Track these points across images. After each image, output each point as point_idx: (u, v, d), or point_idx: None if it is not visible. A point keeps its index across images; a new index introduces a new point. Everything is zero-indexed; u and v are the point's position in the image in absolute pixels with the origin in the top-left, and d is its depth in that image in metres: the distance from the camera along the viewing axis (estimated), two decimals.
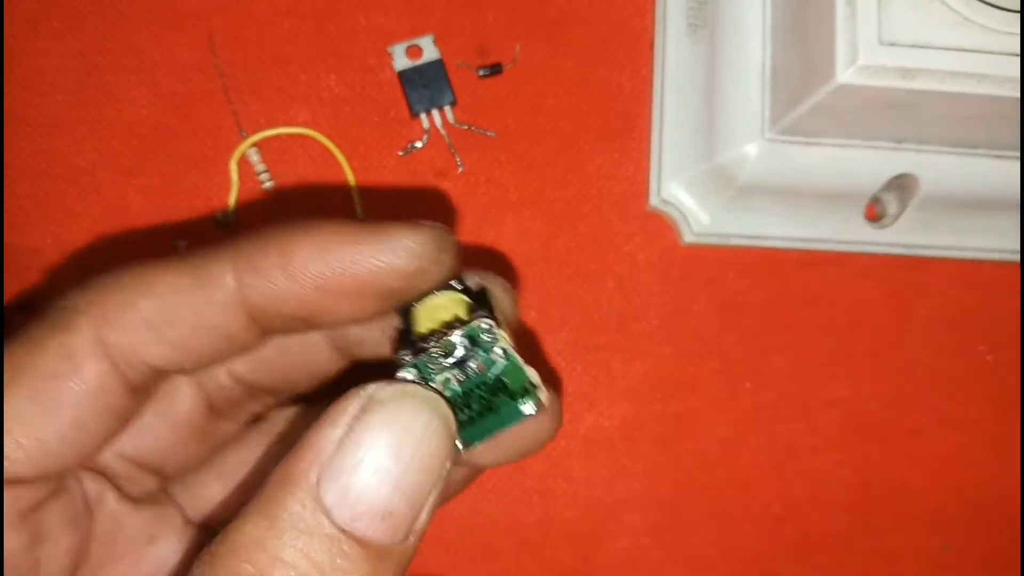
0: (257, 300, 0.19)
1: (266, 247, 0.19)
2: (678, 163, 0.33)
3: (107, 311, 0.19)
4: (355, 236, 0.19)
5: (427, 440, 0.17)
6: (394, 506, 0.17)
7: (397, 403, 0.17)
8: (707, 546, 0.34)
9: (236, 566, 0.16)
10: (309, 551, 0.16)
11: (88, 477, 0.22)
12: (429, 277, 0.20)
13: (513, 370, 0.20)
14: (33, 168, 0.32)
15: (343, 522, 0.16)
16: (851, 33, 0.27)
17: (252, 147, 0.33)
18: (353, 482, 0.16)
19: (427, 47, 0.33)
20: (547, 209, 0.34)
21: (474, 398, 0.19)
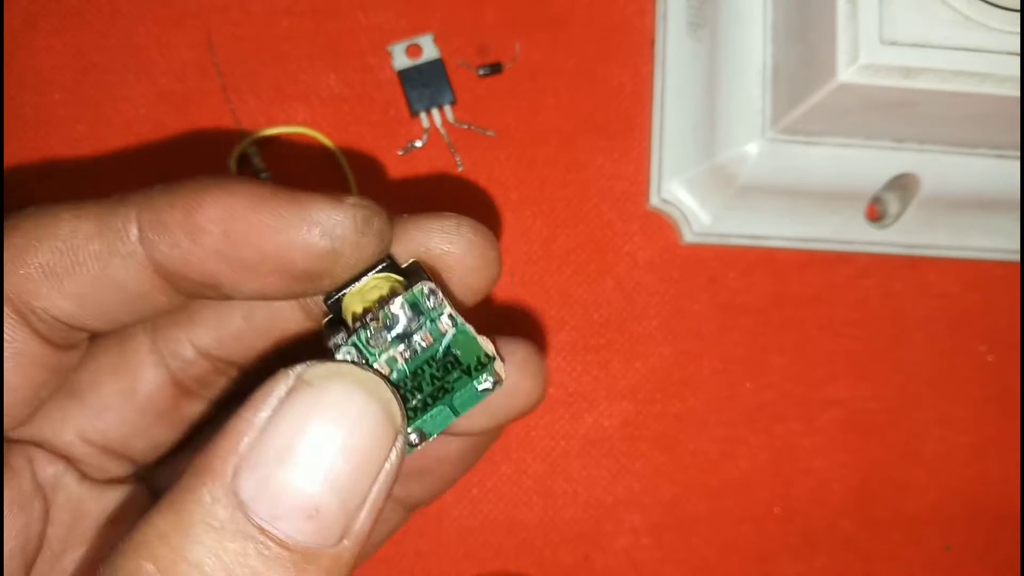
0: (160, 258, 0.17)
1: (172, 201, 0.17)
2: (678, 162, 0.33)
3: (8, 257, 0.17)
4: (266, 203, 0.17)
5: (362, 427, 0.15)
6: (322, 503, 0.14)
7: (326, 384, 0.15)
8: (707, 546, 0.34)
9: (137, 564, 0.14)
10: (219, 550, 0.14)
11: (43, 459, 0.20)
12: (345, 262, 0.17)
13: (465, 340, 0.17)
14: (32, 167, 0.32)
15: (261, 519, 0.14)
16: (852, 32, 0.27)
17: (251, 146, 0.33)
18: (274, 474, 0.14)
19: (427, 46, 0.33)
20: (547, 209, 0.34)
21: (424, 378, 0.17)
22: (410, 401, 0.17)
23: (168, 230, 0.17)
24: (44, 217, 0.18)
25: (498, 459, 0.33)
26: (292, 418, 0.15)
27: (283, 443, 0.15)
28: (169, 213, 0.17)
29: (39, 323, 0.18)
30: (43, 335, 0.18)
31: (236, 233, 0.17)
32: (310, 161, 0.33)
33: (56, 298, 0.18)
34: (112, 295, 0.18)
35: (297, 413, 0.15)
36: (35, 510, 0.20)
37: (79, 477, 0.21)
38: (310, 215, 0.17)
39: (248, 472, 0.14)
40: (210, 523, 0.14)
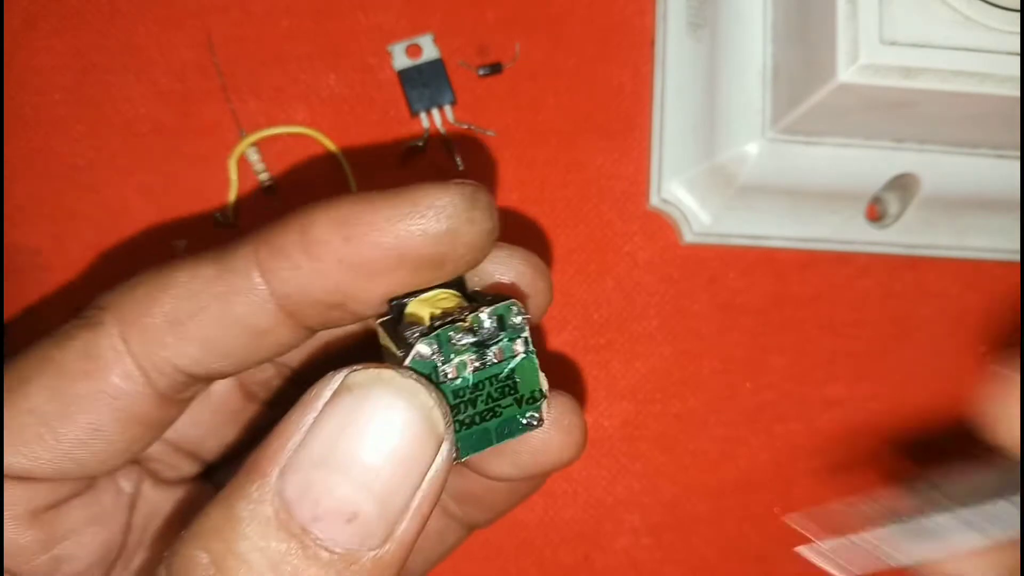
0: (282, 287, 0.18)
1: (285, 227, 0.18)
2: (678, 162, 0.33)
3: (130, 310, 0.18)
4: (376, 201, 0.17)
5: (402, 434, 0.15)
6: (361, 507, 0.15)
7: (367, 390, 0.15)
8: (707, 546, 0.34)
9: (193, 552, 0.15)
10: (264, 547, 0.15)
11: (123, 476, 0.21)
12: (464, 240, 0.17)
13: (529, 368, 0.18)
14: (32, 167, 0.32)
15: (304, 520, 0.15)
16: (852, 32, 0.27)
17: (251, 146, 0.33)
18: (315, 477, 0.15)
19: (427, 46, 0.33)
20: (547, 209, 0.34)
21: (482, 395, 0.17)
22: (462, 413, 0.17)
23: (287, 254, 0.17)
24: (164, 269, 0.18)
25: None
26: (333, 423, 0.15)
27: (324, 447, 0.15)
28: (284, 237, 0.17)
29: (159, 377, 0.18)
30: (158, 389, 0.19)
31: (354, 235, 0.17)
32: (310, 161, 0.33)
33: (181, 345, 0.18)
34: (236, 335, 0.18)
35: (338, 418, 0.15)
36: (117, 524, 0.20)
37: (154, 482, 0.21)
38: (421, 200, 0.17)
39: (292, 473, 0.15)
40: (256, 520, 0.15)
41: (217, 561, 0.15)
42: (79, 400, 0.18)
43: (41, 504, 0.19)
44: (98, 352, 0.18)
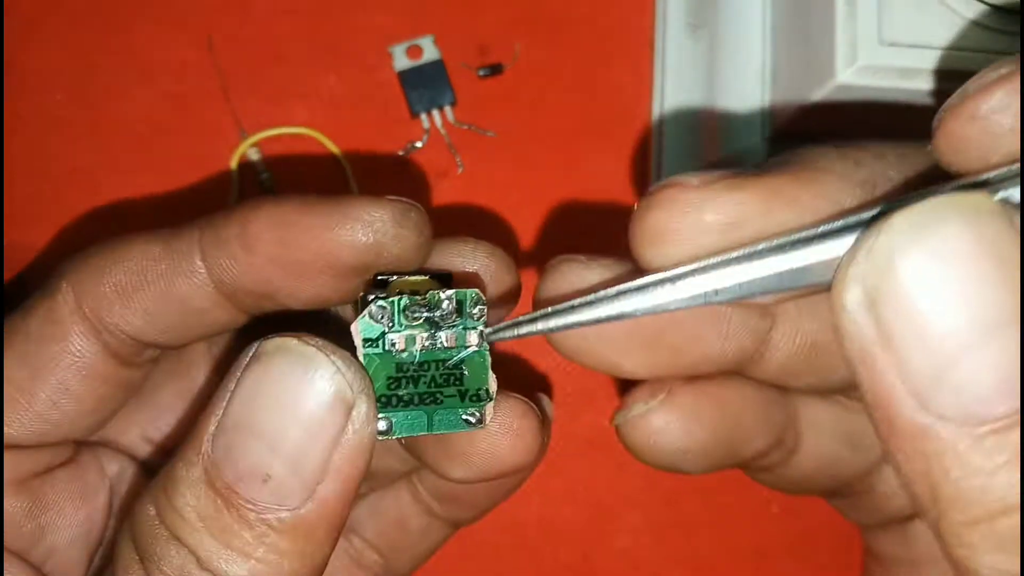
0: (220, 273, 0.19)
1: (229, 219, 0.19)
2: (678, 162, 0.33)
3: (85, 276, 0.20)
4: (312, 208, 0.18)
5: (306, 399, 0.16)
6: (272, 468, 0.16)
7: (272, 358, 0.16)
8: (707, 545, 0.34)
9: (145, 506, 0.17)
10: (196, 503, 0.16)
11: (110, 457, 0.22)
12: (388, 254, 0.19)
13: (479, 364, 0.18)
14: (32, 167, 0.32)
15: (228, 479, 0.16)
16: (851, 33, 0.27)
17: (252, 147, 0.33)
18: (234, 441, 0.16)
19: (427, 47, 0.33)
20: (547, 209, 0.34)
21: (425, 376, 0.18)
22: (402, 388, 0.18)
23: (226, 244, 0.19)
24: (120, 243, 0.20)
25: None
26: (245, 389, 0.16)
27: (239, 412, 0.16)
28: (226, 229, 0.19)
29: (110, 338, 0.20)
30: (112, 350, 0.20)
31: (287, 238, 0.18)
32: (310, 161, 0.33)
33: (126, 314, 0.19)
34: (176, 311, 0.20)
35: (249, 385, 0.16)
36: (99, 502, 0.22)
37: (143, 472, 0.22)
38: (352, 213, 0.18)
39: (217, 437, 0.16)
40: (189, 480, 0.16)
41: (160, 513, 0.16)
42: (46, 362, 0.19)
43: (25, 472, 0.20)
44: (58, 316, 0.19)
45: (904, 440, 0.13)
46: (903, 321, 0.13)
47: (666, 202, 0.17)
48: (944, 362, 0.13)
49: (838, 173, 0.17)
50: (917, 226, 0.13)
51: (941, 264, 0.13)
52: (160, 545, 0.16)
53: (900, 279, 0.13)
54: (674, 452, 0.19)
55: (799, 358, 0.19)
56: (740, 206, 0.16)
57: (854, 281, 0.13)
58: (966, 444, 0.13)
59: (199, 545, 0.16)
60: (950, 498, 0.13)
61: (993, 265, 0.13)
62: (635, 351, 0.18)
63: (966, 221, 0.13)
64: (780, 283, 0.15)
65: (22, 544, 0.20)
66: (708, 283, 0.16)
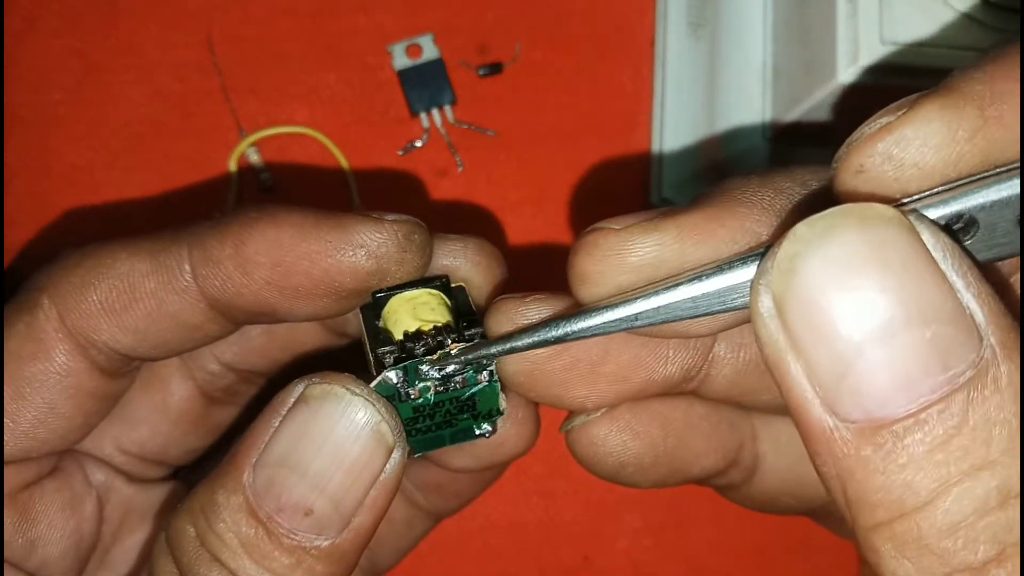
0: (212, 292, 0.19)
1: (222, 237, 0.19)
2: (679, 162, 0.33)
3: (67, 292, 0.19)
4: (310, 230, 0.18)
5: (350, 442, 0.17)
6: (315, 505, 0.17)
7: (321, 402, 0.17)
8: (707, 546, 0.34)
9: (184, 526, 0.17)
10: (237, 530, 0.17)
11: (94, 466, 0.22)
12: (391, 278, 0.19)
13: (490, 394, 0.19)
14: (31, 167, 0.32)
15: (269, 510, 0.17)
16: (852, 32, 0.27)
17: (251, 146, 0.33)
18: (277, 476, 0.17)
19: (427, 46, 0.33)
20: (547, 209, 0.34)
21: (441, 411, 0.19)
22: (420, 423, 0.19)
23: (219, 265, 0.18)
24: (102, 255, 0.19)
25: None
26: (292, 429, 0.17)
27: (284, 450, 0.17)
28: (219, 249, 0.18)
29: (97, 355, 0.20)
30: (99, 365, 0.20)
31: (285, 263, 0.18)
32: (310, 161, 0.33)
33: (115, 332, 0.19)
34: (168, 328, 0.19)
35: (296, 426, 0.17)
36: (86, 511, 0.22)
37: (127, 479, 0.23)
38: (355, 238, 0.18)
39: (260, 469, 0.17)
40: (231, 506, 0.17)
41: (201, 536, 0.17)
42: (29, 382, 0.19)
43: (13, 485, 0.20)
44: (41, 334, 0.19)
45: (817, 443, 0.14)
46: (806, 325, 0.13)
47: (590, 247, 0.18)
48: (843, 365, 0.13)
49: (757, 204, 0.17)
50: (818, 233, 0.14)
51: (838, 268, 0.13)
52: (203, 566, 0.17)
53: (802, 284, 0.13)
54: (613, 464, 0.20)
55: (748, 374, 0.20)
56: (657, 247, 0.17)
57: (764, 289, 0.14)
58: (867, 446, 0.13)
59: (240, 568, 0.17)
60: (856, 501, 0.13)
61: (887, 269, 0.13)
62: (575, 383, 0.19)
63: (863, 227, 0.13)
64: (695, 307, 0.16)
65: (15, 556, 0.20)
66: (628, 311, 0.17)
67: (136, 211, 0.32)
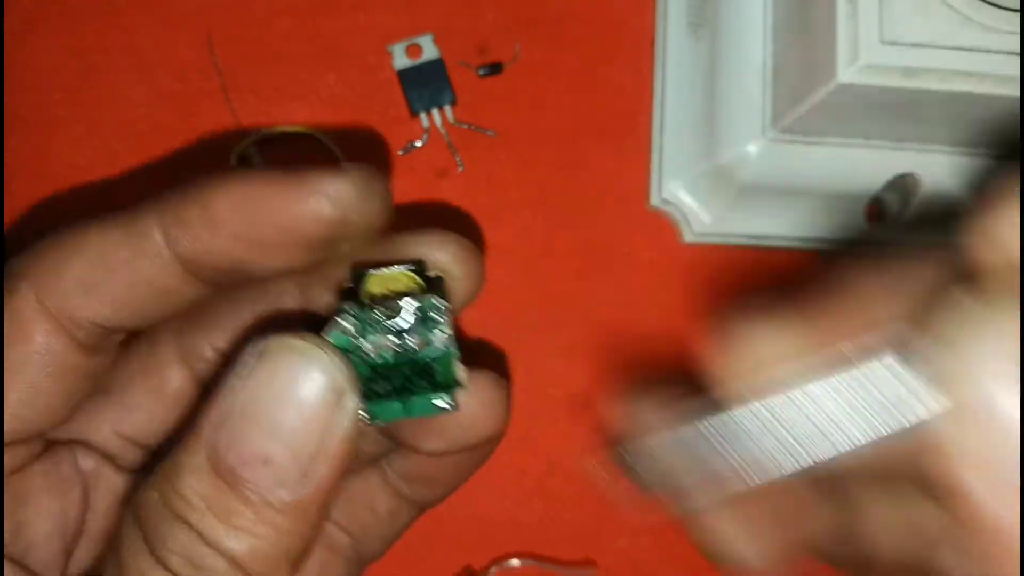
0: (185, 252, 0.19)
1: (187, 200, 0.19)
2: (679, 162, 0.33)
3: (43, 273, 0.20)
4: (274, 183, 0.19)
5: (306, 392, 0.17)
6: (273, 452, 0.17)
7: (279, 355, 0.17)
8: None
9: (149, 493, 0.18)
10: (198, 487, 0.17)
11: (84, 452, 0.22)
12: (355, 225, 0.19)
13: (447, 360, 0.19)
14: (31, 167, 0.32)
15: (230, 463, 0.17)
16: (852, 32, 0.27)
17: (251, 146, 0.33)
18: (237, 429, 0.17)
19: (427, 46, 0.33)
20: (547, 209, 0.34)
21: (398, 373, 0.19)
22: (377, 385, 0.19)
23: (188, 225, 0.19)
24: (74, 234, 0.20)
25: (498, 459, 0.33)
26: (251, 383, 0.17)
27: (244, 403, 0.17)
28: (186, 210, 0.19)
29: (77, 331, 0.20)
30: (79, 341, 0.20)
31: (251, 214, 0.19)
32: (309, 160, 0.33)
33: (94, 305, 0.20)
34: (143, 294, 0.20)
35: (255, 379, 0.17)
36: (73, 496, 0.22)
37: (116, 468, 0.23)
38: (316, 186, 0.19)
39: (220, 427, 0.17)
40: (193, 466, 0.17)
41: (164, 499, 0.17)
42: (13, 364, 0.19)
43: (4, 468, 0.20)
44: (21, 317, 0.19)
45: None
46: None
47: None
48: None
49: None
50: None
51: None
52: (166, 526, 0.17)
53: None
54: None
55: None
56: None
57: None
58: None
59: (203, 524, 0.17)
60: None
61: None
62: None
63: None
64: None
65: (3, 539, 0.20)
66: None
67: None
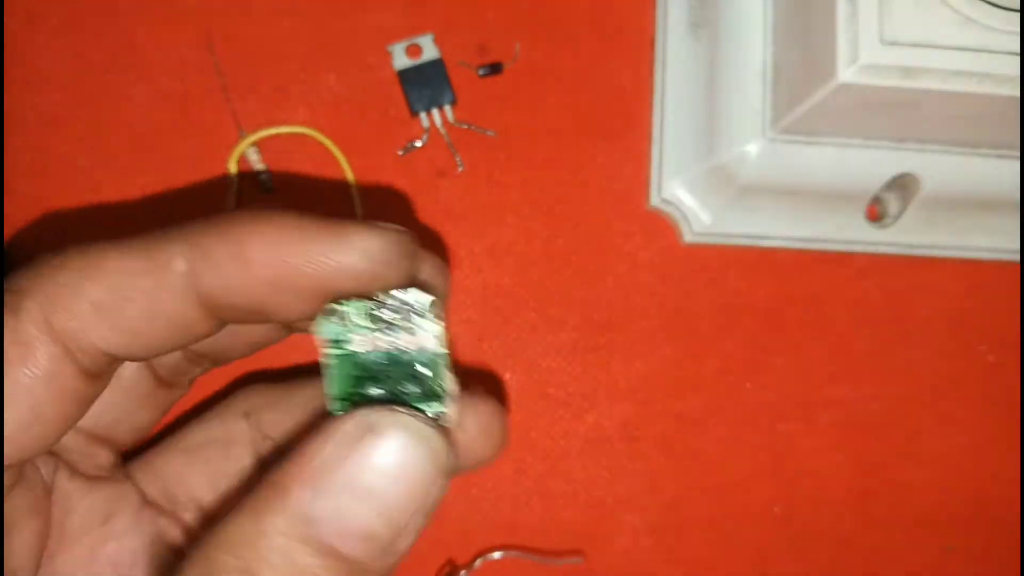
0: (209, 289, 0.19)
1: (221, 235, 0.19)
2: (679, 162, 0.33)
3: (55, 294, 0.19)
4: (312, 233, 0.18)
5: (415, 472, 0.18)
6: (377, 530, 0.17)
7: (389, 431, 0.18)
8: (707, 546, 0.34)
9: (224, 558, 0.17)
10: (294, 557, 0.17)
11: (42, 460, 0.21)
12: (385, 282, 0.19)
13: (435, 366, 0.19)
14: (30, 167, 0.32)
15: (328, 537, 0.17)
16: (852, 32, 0.27)
17: (251, 146, 0.33)
18: (341, 503, 0.17)
19: (427, 46, 0.33)
20: (547, 209, 0.34)
21: (387, 375, 0.19)
22: (368, 387, 0.19)
23: (219, 264, 0.18)
24: (91, 255, 0.19)
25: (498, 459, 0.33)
26: (359, 458, 0.17)
27: (350, 478, 0.17)
28: (219, 247, 0.18)
29: (83, 357, 0.19)
30: (84, 368, 0.19)
31: (284, 260, 0.18)
32: (310, 161, 0.33)
33: (106, 333, 0.19)
34: (160, 327, 0.19)
35: (363, 454, 0.17)
36: (46, 510, 0.21)
37: (69, 473, 0.22)
38: (356, 243, 0.18)
39: (321, 498, 0.17)
40: (287, 534, 0.17)
41: (249, 568, 0.17)
42: (14, 388, 0.18)
43: None
44: (26, 338, 0.18)
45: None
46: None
47: None
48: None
49: None
50: None
51: None
52: None
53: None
54: None
55: None
56: None
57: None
58: None
59: None
60: None
61: None
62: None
63: None
64: None
65: None
66: None
67: (136, 211, 0.32)
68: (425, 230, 0.33)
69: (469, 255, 0.34)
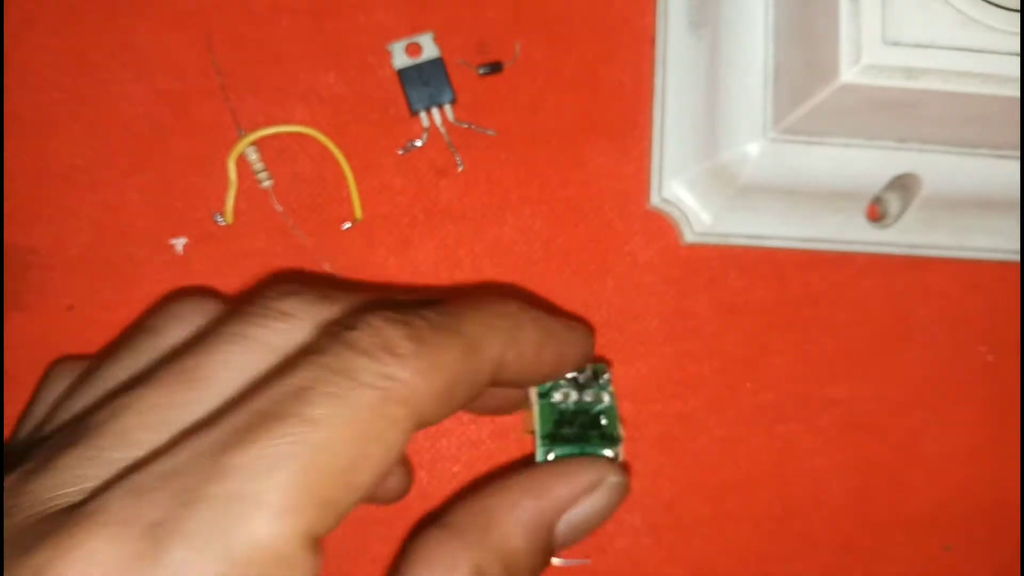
0: (503, 375, 0.22)
1: (530, 341, 0.23)
2: (679, 162, 0.33)
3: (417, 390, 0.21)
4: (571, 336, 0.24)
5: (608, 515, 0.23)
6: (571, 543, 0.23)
7: (615, 484, 0.23)
8: (707, 546, 0.34)
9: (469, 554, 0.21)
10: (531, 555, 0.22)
11: None
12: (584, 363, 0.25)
13: (610, 416, 0.25)
14: (30, 167, 0.32)
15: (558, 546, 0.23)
16: (855, 32, 0.27)
17: (250, 146, 0.32)
18: (578, 535, 0.23)
19: (427, 45, 0.33)
20: (547, 209, 0.34)
21: (576, 420, 0.25)
22: (564, 428, 0.25)
23: (522, 358, 0.23)
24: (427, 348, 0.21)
25: (498, 460, 0.33)
26: (596, 500, 0.23)
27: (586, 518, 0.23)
28: (527, 348, 0.23)
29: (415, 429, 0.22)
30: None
31: (559, 354, 0.23)
32: (310, 161, 0.33)
33: (438, 414, 0.21)
34: (462, 402, 0.22)
35: (599, 499, 0.23)
36: None
37: None
38: (584, 334, 0.24)
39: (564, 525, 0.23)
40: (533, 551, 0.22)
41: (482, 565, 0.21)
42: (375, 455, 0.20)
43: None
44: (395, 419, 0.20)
45: None
46: None
47: None
48: None
49: None
50: None
51: None
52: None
53: None
54: None
55: None
56: None
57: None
58: None
59: None
60: None
61: None
62: None
63: None
64: None
65: None
66: None
67: (136, 211, 0.32)
68: (425, 230, 0.33)
69: (469, 255, 0.33)
